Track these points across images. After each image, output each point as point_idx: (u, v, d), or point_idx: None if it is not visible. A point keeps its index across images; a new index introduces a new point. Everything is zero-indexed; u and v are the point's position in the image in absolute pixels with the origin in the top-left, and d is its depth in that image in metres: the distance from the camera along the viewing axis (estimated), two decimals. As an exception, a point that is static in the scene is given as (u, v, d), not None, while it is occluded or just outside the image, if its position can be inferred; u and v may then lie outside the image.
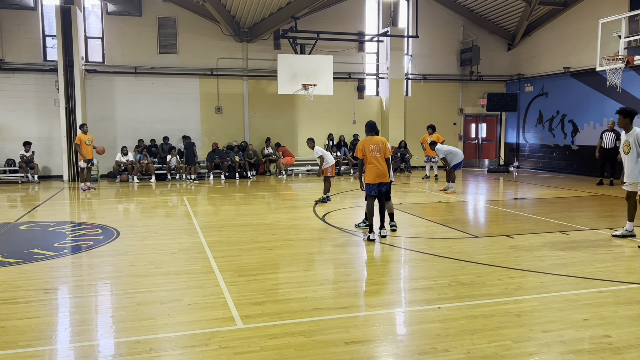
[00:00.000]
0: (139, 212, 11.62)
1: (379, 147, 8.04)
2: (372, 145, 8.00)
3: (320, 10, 19.13)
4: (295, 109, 20.02)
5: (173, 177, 17.59)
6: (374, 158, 7.98)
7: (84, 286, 5.89)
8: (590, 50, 16.56)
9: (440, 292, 5.52)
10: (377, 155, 8.00)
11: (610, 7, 16.38)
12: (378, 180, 7.99)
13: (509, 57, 22.00)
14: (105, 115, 18.20)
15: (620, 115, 7.89)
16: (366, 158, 8.01)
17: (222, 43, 19.04)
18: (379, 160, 8.00)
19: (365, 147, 8.02)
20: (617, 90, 14.21)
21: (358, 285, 5.94)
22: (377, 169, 7.98)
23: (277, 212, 10.99)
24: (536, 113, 20.71)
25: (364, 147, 8.04)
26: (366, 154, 8.02)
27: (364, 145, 8.04)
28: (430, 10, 20.86)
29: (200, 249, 7.50)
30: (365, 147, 8.02)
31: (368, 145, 8.01)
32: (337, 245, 7.78)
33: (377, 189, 8.05)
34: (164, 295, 5.45)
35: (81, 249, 7.70)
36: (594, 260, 6.82)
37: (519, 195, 13.80)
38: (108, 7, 17.90)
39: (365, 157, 8.03)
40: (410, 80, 21.25)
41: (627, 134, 7.86)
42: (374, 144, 8.03)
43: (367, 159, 8.00)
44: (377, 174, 7.97)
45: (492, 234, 8.77)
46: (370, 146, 8.00)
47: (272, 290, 5.60)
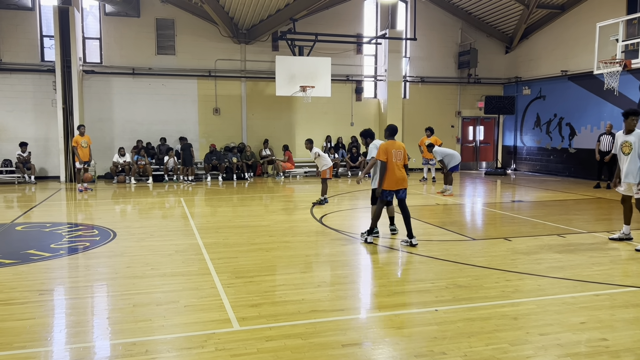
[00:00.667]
0: (135, 213, 11.59)
1: (400, 152, 7.79)
2: (395, 150, 7.73)
3: (319, 13, 19.14)
4: (293, 110, 20.02)
5: (170, 179, 17.56)
6: (395, 163, 7.71)
7: (80, 287, 5.87)
8: (587, 54, 16.59)
9: (437, 294, 5.52)
10: (398, 161, 7.75)
11: (608, 10, 16.42)
12: (398, 187, 7.76)
13: (506, 60, 22.03)
14: (102, 116, 18.17)
15: (632, 116, 7.69)
16: (388, 162, 7.70)
17: (220, 44, 19.03)
18: (400, 166, 7.76)
19: (388, 151, 7.70)
20: (614, 94, 14.23)
21: (355, 288, 5.93)
22: (399, 174, 7.73)
23: (275, 214, 10.97)
24: (534, 116, 20.75)
25: (387, 150, 7.70)
26: (389, 158, 7.69)
27: (387, 148, 7.71)
28: (429, 13, 20.89)
29: (197, 250, 7.48)
30: (388, 150, 7.70)
31: (391, 150, 7.71)
32: (334, 247, 7.77)
33: (393, 195, 7.84)
34: (160, 297, 5.43)
35: (77, 250, 7.67)
36: (591, 263, 6.82)
37: (516, 198, 13.81)
38: (106, 7, 17.88)
39: (387, 160, 7.70)
40: (408, 82, 21.26)
41: (630, 134, 7.68)
42: (396, 148, 7.76)
43: (389, 163, 7.70)
44: (398, 180, 7.72)
45: (489, 236, 8.77)
46: (393, 150, 7.71)
47: (269, 292, 5.58)
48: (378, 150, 7.83)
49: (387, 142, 7.84)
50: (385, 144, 7.81)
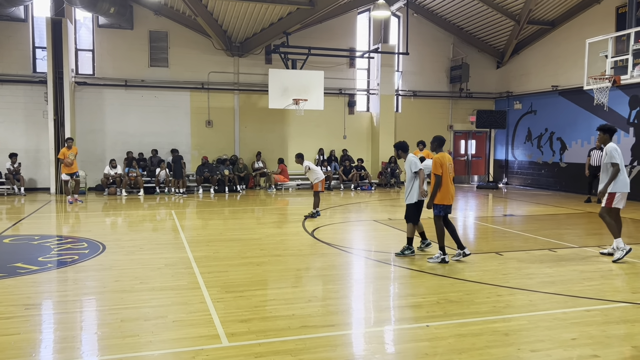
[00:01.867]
0: (126, 225, 11.50)
1: (452, 165, 7.59)
2: (449, 163, 7.48)
3: (312, 26, 19.24)
4: (286, 123, 20.04)
5: (162, 191, 17.46)
6: (450, 176, 7.45)
7: (67, 302, 5.78)
8: (577, 69, 16.77)
9: (428, 309, 5.48)
10: (451, 174, 7.51)
11: (597, 27, 16.63)
12: (451, 201, 7.54)
13: (498, 75, 22.22)
14: (94, 127, 18.09)
15: (600, 132, 7.97)
16: (443, 176, 7.39)
17: (213, 57, 19.07)
18: (451, 180, 7.54)
19: (443, 164, 7.38)
20: (604, 109, 14.37)
21: (346, 303, 5.89)
22: (452, 188, 7.54)
23: (266, 227, 10.92)
24: (525, 130, 20.89)
25: (442, 164, 7.38)
26: (444, 171, 7.39)
27: (442, 161, 7.40)
28: (421, 28, 21.07)
29: (187, 264, 7.41)
30: (443, 163, 7.38)
31: (446, 163, 7.42)
32: (325, 262, 7.72)
33: (448, 209, 7.61)
34: (149, 312, 5.35)
35: (66, 263, 7.58)
36: (582, 278, 6.82)
37: (508, 212, 13.83)
38: (99, 19, 17.89)
39: (443, 174, 7.38)
40: (401, 96, 21.37)
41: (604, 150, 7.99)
42: (448, 162, 7.50)
43: (444, 176, 7.40)
44: (452, 194, 7.53)
45: (481, 250, 8.75)
46: (447, 164, 7.44)
47: (259, 307, 5.52)
48: (433, 163, 7.42)
49: (440, 155, 7.50)
50: (439, 156, 7.47)
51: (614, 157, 7.75)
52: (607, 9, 16.79)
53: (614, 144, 7.92)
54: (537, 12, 18.62)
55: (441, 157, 7.45)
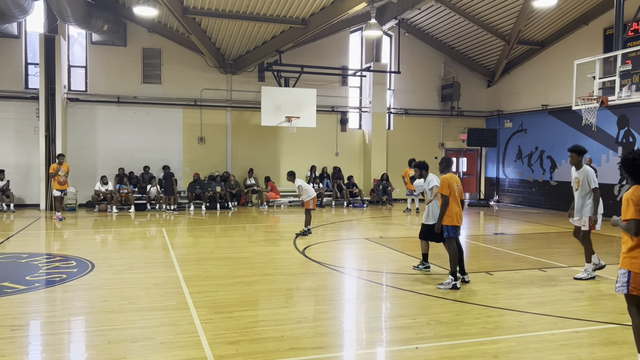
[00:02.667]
0: (115, 243, 11.42)
1: (460, 187, 7.46)
2: (457, 185, 7.37)
3: (305, 45, 19.41)
4: (279, 140, 20.09)
5: (153, 207, 17.39)
6: (457, 197, 7.34)
7: (54, 322, 5.72)
8: (567, 89, 16.96)
9: (418, 331, 5.47)
10: (459, 196, 7.40)
11: (586, 48, 16.90)
12: (460, 223, 7.42)
13: (488, 94, 22.45)
14: (86, 144, 18.05)
15: (574, 153, 8.03)
16: (452, 196, 7.26)
17: (206, 74, 19.15)
18: (458, 201, 7.41)
19: (451, 184, 7.27)
20: (592, 129, 14.53)
21: (336, 324, 5.86)
22: (459, 210, 7.39)
23: (257, 245, 10.88)
24: (515, 148, 21.06)
25: (450, 184, 7.26)
26: (452, 192, 7.27)
27: (449, 181, 7.27)
28: (413, 47, 21.30)
29: (177, 283, 7.37)
30: (451, 184, 7.27)
31: (453, 184, 7.31)
32: (316, 281, 7.70)
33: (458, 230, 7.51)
34: (137, 333, 5.31)
35: (54, 283, 7.51)
36: (571, 299, 6.84)
37: (499, 231, 13.89)
38: (93, 36, 17.95)
39: (450, 195, 7.26)
40: (393, 114, 21.52)
41: (577, 171, 8.03)
42: (457, 182, 7.40)
43: (452, 197, 7.27)
44: (460, 216, 7.40)
45: (471, 270, 8.74)
46: (455, 185, 7.33)
47: (248, 329, 5.49)
48: (441, 184, 7.34)
49: (448, 176, 7.37)
50: (447, 177, 7.34)
51: (595, 181, 7.83)
52: (595, 31, 17.08)
53: (589, 167, 8.02)
54: (527, 32, 18.90)
55: (449, 178, 7.32)
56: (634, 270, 4.26)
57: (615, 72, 11.52)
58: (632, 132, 15.87)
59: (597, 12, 16.87)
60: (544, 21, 18.12)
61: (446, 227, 7.37)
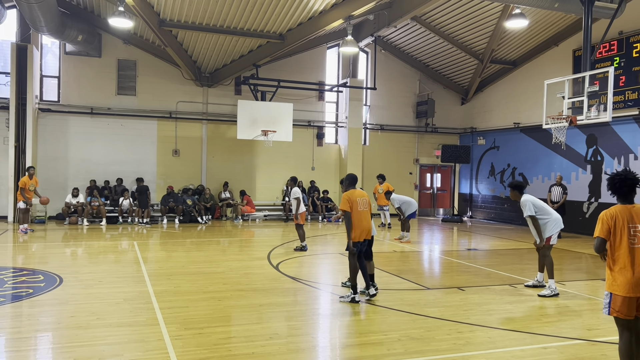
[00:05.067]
0: (85, 257, 11.19)
1: (365, 200, 7.52)
2: (359, 198, 7.43)
3: (282, 59, 19.49)
4: (254, 154, 20.05)
5: (125, 221, 17.11)
6: (361, 212, 7.38)
7: (19, 339, 5.56)
8: (538, 108, 17.37)
9: (389, 347, 5.48)
10: (365, 209, 7.44)
11: (556, 68, 17.37)
12: (366, 237, 7.49)
13: (462, 111, 22.84)
14: (57, 155, 17.72)
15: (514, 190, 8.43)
16: (354, 212, 7.31)
17: (182, 87, 19.07)
18: (366, 214, 7.47)
19: (352, 200, 7.34)
20: (562, 147, 14.88)
21: (308, 340, 5.83)
22: (365, 224, 7.43)
23: (231, 260, 10.79)
24: (488, 165, 21.42)
25: (350, 199, 7.33)
26: (354, 208, 7.32)
27: (349, 197, 7.36)
28: (388, 64, 21.59)
29: (147, 298, 7.24)
30: (352, 199, 7.34)
31: (356, 199, 7.38)
32: (289, 297, 7.66)
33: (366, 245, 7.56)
34: (104, 350, 5.19)
35: (20, 298, 7.31)
36: (540, 314, 6.94)
37: (471, 246, 14.05)
38: (67, 46, 17.72)
39: (352, 210, 7.31)
40: (368, 129, 21.71)
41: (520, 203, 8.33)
42: (359, 196, 7.47)
43: (355, 213, 7.32)
44: (366, 230, 7.46)
45: (444, 285, 8.84)
46: (358, 199, 7.40)
47: (219, 345, 5.42)
48: (342, 200, 7.45)
49: (349, 192, 7.49)
50: (347, 194, 7.46)
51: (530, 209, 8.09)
52: (565, 52, 17.58)
53: (528, 196, 8.32)
54: (500, 52, 19.34)
55: (350, 194, 7.42)
56: (614, 292, 4.31)
57: (583, 93, 11.83)
58: (600, 151, 16.30)
59: (567, 34, 17.39)
60: (516, 41, 18.59)
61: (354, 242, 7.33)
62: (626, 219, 4.32)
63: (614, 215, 4.35)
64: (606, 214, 4.38)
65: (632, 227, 4.30)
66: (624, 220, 4.32)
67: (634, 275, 4.23)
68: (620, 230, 4.30)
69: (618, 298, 4.27)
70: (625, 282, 4.25)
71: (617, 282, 4.29)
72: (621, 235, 4.29)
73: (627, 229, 4.30)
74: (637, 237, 4.28)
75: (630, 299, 4.23)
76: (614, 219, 4.33)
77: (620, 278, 4.27)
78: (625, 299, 4.23)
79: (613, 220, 4.33)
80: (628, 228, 4.30)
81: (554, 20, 17.08)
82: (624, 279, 4.26)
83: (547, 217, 8.22)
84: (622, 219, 4.32)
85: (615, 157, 15.76)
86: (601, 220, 4.38)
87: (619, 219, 4.32)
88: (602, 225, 4.37)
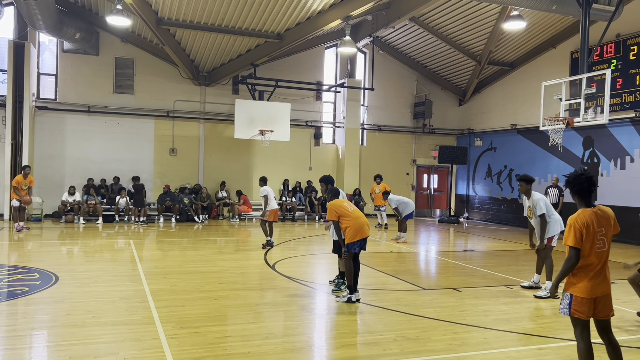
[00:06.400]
0: (81, 255, 11.17)
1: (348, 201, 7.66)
2: (345, 204, 7.51)
3: (280, 59, 19.48)
4: (252, 153, 20.04)
5: (121, 219, 17.08)
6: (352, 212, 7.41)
7: (14, 337, 5.55)
8: (535, 110, 17.40)
9: (385, 347, 5.49)
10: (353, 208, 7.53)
11: (554, 70, 17.40)
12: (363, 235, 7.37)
13: (460, 112, 22.87)
14: (54, 153, 17.67)
15: (522, 182, 8.41)
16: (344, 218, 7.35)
17: (179, 85, 19.04)
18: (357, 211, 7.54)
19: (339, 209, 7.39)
20: (559, 149, 14.92)
21: (303, 340, 5.83)
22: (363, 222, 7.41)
23: (227, 259, 10.78)
24: (485, 166, 21.45)
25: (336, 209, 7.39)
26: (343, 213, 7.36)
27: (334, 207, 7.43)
28: (386, 65, 21.60)
29: (143, 297, 7.23)
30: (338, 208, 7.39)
31: (342, 205, 7.45)
32: (285, 296, 7.65)
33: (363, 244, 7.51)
34: (100, 348, 5.19)
35: (15, 296, 7.28)
36: (536, 315, 6.96)
37: (468, 247, 14.07)
38: (64, 44, 17.67)
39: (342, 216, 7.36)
40: (366, 130, 21.72)
41: (529, 200, 8.37)
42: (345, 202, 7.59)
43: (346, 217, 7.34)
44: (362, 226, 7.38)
45: (440, 286, 8.86)
46: (343, 205, 7.45)
47: (214, 344, 5.42)
48: (328, 211, 7.42)
49: (332, 202, 7.54)
50: (331, 204, 7.49)
51: (542, 208, 8.13)
52: (562, 54, 17.62)
53: (539, 194, 8.35)
54: (497, 53, 19.38)
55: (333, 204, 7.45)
56: (575, 293, 4.32)
57: (580, 95, 11.87)
58: (596, 153, 16.35)
59: (565, 36, 17.43)
60: (514, 43, 18.63)
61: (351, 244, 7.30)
62: (595, 225, 4.28)
63: (584, 222, 4.27)
64: (577, 221, 4.28)
65: (599, 232, 4.30)
66: (594, 226, 4.28)
67: (596, 278, 4.28)
68: (592, 236, 4.26)
69: (579, 299, 4.29)
70: (587, 284, 4.27)
71: (580, 284, 4.30)
72: (592, 242, 4.26)
73: (596, 235, 4.28)
74: (602, 242, 4.30)
75: (589, 300, 4.28)
76: (586, 226, 4.26)
77: (583, 280, 4.29)
78: (585, 300, 4.27)
79: (585, 228, 4.25)
80: (597, 234, 4.29)
81: (551, 23, 17.12)
82: (586, 281, 4.28)
83: (551, 218, 8.21)
84: (592, 226, 4.27)
85: (612, 159, 15.81)
86: (573, 228, 4.27)
87: (589, 226, 4.26)
88: (574, 233, 4.26)
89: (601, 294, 4.30)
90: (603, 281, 4.31)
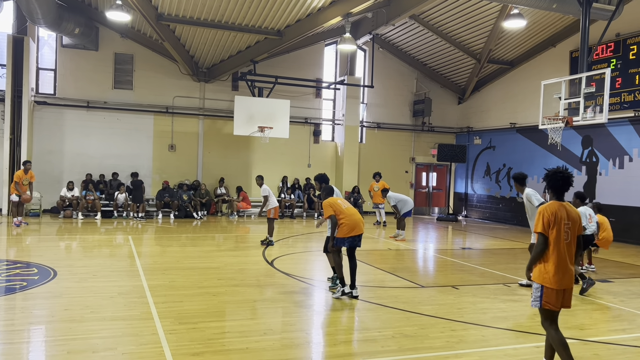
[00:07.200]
0: (80, 251, 11.17)
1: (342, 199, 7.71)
2: (339, 200, 7.57)
3: (280, 56, 19.46)
4: (251, 150, 20.03)
5: (120, 215, 17.07)
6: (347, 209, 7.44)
7: (12, 331, 5.55)
8: (534, 108, 17.40)
9: (383, 344, 5.50)
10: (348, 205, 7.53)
11: (553, 69, 17.41)
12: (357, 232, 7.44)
13: (459, 111, 22.87)
14: (52, 148, 17.65)
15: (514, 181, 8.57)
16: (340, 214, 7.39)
17: (179, 81, 19.01)
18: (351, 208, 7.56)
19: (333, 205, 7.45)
20: (557, 148, 14.94)
21: (302, 336, 5.84)
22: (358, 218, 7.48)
23: (225, 255, 10.79)
24: (484, 165, 21.47)
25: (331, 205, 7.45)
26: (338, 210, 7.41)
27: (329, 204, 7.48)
28: (386, 62, 21.59)
29: (141, 293, 7.23)
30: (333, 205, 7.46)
31: (336, 201, 7.51)
32: (283, 293, 7.66)
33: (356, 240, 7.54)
34: (98, 343, 5.19)
35: (13, 290, 7.28)
36: (534, 313, 6.96)
37: (466, 245, 14.09)
38: (63, 39, 17.63)
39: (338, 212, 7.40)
40: (365, 127, 21.72)
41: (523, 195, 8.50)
42: (339, 199, 7.63)
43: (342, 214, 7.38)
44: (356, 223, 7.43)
45: (438, 284, 8.87)
46: (338, 202, 7.51)
47: (213, 340, 5.42)
48: (325, 209, 7.44)
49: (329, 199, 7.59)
50: (326, 202, 7.54)
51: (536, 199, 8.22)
52: (562, 53, 17.62)
53: (530, 189, 8.46)
54: (497, 52, 19.37)
55: (327, 201, 7.51)
56: (546, 284, 4.50)
57: (580, 94, 11.87)
58: (595, 152, 16.37)
59: (565, 35, 17.42)
60: (514, 42, 18.62)
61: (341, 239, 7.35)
62: (563, 215, 4.54)
63: (553, 211, 4.54)
64: (547, 210, 4.55)
65: (566, 224, 4.54)
66: (562, 216, 4.53)
67: (565, 269, 4.49)
68: (559, 225, 4.51)
69: (550, 291, 4.49)
70: (557, 275, 4.47)
71: (550, 276, 4.49)
72: (559, 231, 4.50)
73: (563, 225, 4.52)
74: (568, 233, 4.54)
75: (558, 291, 4.50)
76: (554, 214, 4.52)
77: (553, 271, 4.48)
78: (555, 291, 4.49)
79: (554, 216, 4.52)
80: (564, 224, 4.53)
81: (551, 21, 17.11)
82: (556, 272, 4.48)
83: None
84: (560, 216, 4.53)
85: (610, 159, 15.83)
86: (542, 215, 4.54)
87: (558, 215, 4.53)
88: (543, 221, 4.53)
89: (567, 286, 4.54)
90: (569, 273, 4.53)
